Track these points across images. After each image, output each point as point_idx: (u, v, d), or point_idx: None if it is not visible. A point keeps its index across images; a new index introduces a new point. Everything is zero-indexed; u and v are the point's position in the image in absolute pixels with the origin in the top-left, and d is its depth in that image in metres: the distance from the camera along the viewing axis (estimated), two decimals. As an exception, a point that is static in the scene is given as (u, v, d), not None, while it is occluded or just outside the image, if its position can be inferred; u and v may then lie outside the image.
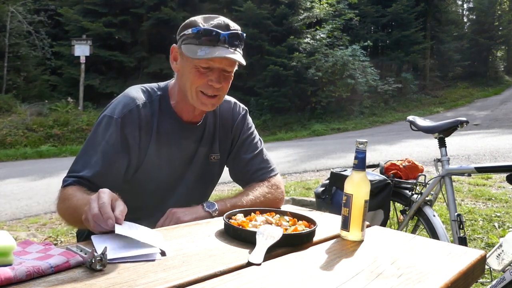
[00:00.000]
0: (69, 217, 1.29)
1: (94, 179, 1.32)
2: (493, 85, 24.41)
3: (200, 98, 1.38)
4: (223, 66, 1.35)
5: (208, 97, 1.38)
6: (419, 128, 2.52)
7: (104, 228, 1.05)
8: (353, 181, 1.15)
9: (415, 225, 2.60)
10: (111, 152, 1.35)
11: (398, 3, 19.13)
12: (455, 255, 1.08)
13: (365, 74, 15.09)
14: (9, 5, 13.25)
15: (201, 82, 1.36)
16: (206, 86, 1.36)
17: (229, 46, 1.33)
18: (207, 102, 1.39)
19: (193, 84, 1.37)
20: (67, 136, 10.77)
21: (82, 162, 1.36)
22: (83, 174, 1.33)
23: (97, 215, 1.04)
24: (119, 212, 1.05)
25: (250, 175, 1.55)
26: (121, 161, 1.37)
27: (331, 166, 6.45)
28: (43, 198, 5.23)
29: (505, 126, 11.65)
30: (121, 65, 14.81)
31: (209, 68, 1.35)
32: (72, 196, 1.26)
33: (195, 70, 1.35)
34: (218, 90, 1.38)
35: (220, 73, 1.36)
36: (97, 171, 1.33)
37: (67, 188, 1.31)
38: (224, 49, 1.31)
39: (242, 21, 14.39)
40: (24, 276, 0.83)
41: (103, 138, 1.36)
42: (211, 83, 1.35)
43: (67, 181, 1.34)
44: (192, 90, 1.38)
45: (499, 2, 28.37)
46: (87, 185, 1.32)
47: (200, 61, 1.33)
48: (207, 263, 0.96)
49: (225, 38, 1.32)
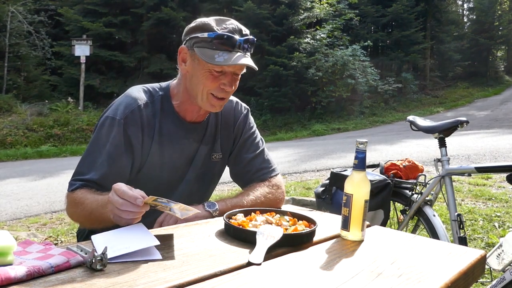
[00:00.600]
0: (84, 220, 1.29)
1: (101, 181, 1.33)
2: (493, 85, 24.41)
3: (210, 100, 1.40)
4: (235, 70, 1.38)
5: (218, 99, 1.41)
6: (419, 128, 2.52)
7: (135, 215, 1.09)
8: (353, 181, 1.15)
9: (415, 225, 2.60)
10: (116, 153, 1.36)
11: (398, 3, 19.13)
12: (455, 255, 1.08)
13: (365, 74, 15.09)
14: (9, 5, 13.25)
15: (214, 86, 1.38)
16: (219, 90, 1.38)
17: (244, 51, 1.36)
18: (216, 104, 1.42)
19: (205, 87, 1.39)
20: (67, 136, 10.77)
21: (87, 164, 1.37)
22: (90, 177, 1.33)
23: (124, 203, 1.08)
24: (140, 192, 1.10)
25: (251, 175, 1.55)
26: (126, 161, 1.38)
27: (331, 166, 6.45)
28: (43, 198, 5.24)
29: (505, 126, 11.65)
30: (121, 65, 14.81)
31: (222, 72, 1.37)
32: (84, 199, 1.27)
33: (208, 73, 1.36)
34: (228, 92, 1.41)
35: (232, 77, 1.39)
36: (103, 173, 1.34)
37: (76, 192, 1.31)
38: (240, 54, 1.35)
39: (242, 21, 13.99)
40: (24, 276, 0.83)
41: (107, 140, 1.37)
42: (224, 86, 1.38)
43: (74, 185, 1.34)
44: (203, 93, 1.40)
45: (499, 2, 28.37)
46: (94, 188, 1.32)
47: (215, 65, 1.34)
48: (207, 263, 0.96)
49: (240, 44, 1.35)
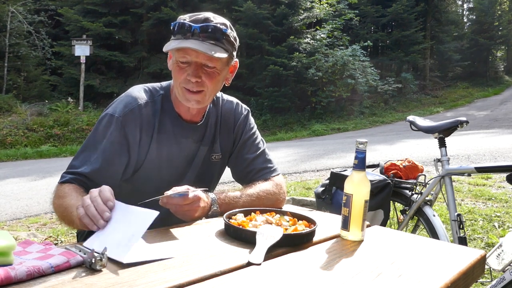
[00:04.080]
0: (59, 214, 1.30)
1: (92, 175, 1.33)
2: (493, 85, 24.40)
3: (184, 94, 1.38)
4: (200, 60, 1.33)
5: (191, 93, 1.37)
6: (419, 128, 2.52)
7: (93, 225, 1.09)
8: (353, 181, 1.15)
9: (415, 225, 2.60)
10: (111, 151, 1.36)
11: (398, 3, 19.12)
12: (455, 255, 1.08)
13: (365, 74, 15.08)
14: (9, 5, 13.24)
15: (182, 78, 1.36)
16: (186, 81, 1.35)
17: (205, 39, 1.31)
18: (190, 98, 1.38)
19: (176, 80, 1.38)
20: (67, 136, 10.77)
21: (82, 158, 1.37)
22: (81, 171, 1.34)
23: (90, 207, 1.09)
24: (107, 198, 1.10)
25: (253, 174, 1.55)
26: (120, 159, 1.38)
27: (331, 166, 6.45)
28: (43, 198, 5.23)
29: (505, 126, 11.64)
30: (121, 65, 14.81)
31: (187, 63, 1.34)
32: (67, 194, 1.28)
33: (176, 65, 1.36)
34: (201, 85, 1.36)
35: (197, 67, 1.34)
36: (95, 168, 1.34)
37: (64, 185, 1.32)
38: (196, 41, 1.30)
39: (242, 21, 14.41)
40: (24, 276, 0.83)
41: (103, 136, 1.37)
42: (188, 77, 1.34)
43: (65, 177, 1.35)
44: (178, 87, 1.39)
45: (499, 2, 28.35)
46: (84, 182, 1.33)
47: (179, 56, 1.33)
48: (207, 263, 0.96)
49: (196, 31, 1.31)
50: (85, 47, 12.44)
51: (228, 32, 1.35)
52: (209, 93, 1.40)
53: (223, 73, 1.41)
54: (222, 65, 1.38)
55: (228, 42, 1.37)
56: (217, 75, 1.38)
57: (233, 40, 1.39)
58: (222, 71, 1.40)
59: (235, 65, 1.49)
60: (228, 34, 1.36)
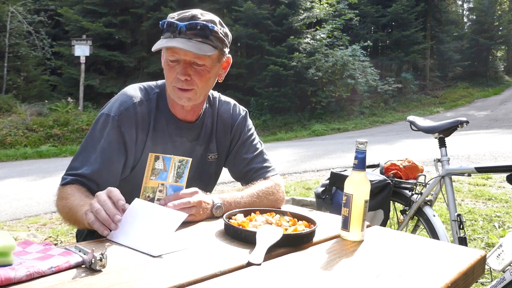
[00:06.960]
0: (64, 215, 1.31)
1: (93, 176, 1.34)
2: (493, 85, 24.41)
3: (176, 92, 1.38)
4: (189, 58, 1.33)
5: (182, 91, 1.37)
6: (419, 128, 2.52)
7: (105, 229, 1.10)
8: (353, 181, 1.15)
9: (415, 225, 2.60)
10: (109, 150, 1.37)
11: (398, 3, 19.13)
12: (455, 255, 1.08)
13: (365, 74, 15.08)
14: (9, 5, 13.23)
15: (173, 76, 1.36)
16: (176, 80, 1.36)
17: (192, 37, 1.31)
18: (181, 96, 1.38)
19: (167, 79, 1.39)
20: (67, 136, 10.76)
21: (81, 159, 1.38)
22: (82, 172, 1.35)
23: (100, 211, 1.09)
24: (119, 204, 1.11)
25: (253, 173, 1.55)
26: (119, 158, 1.39)
27: (331, 166, 6.45)
28: (43, 198, 5.23)
29: (505, 126, 11.65)
30: (121, 65, 14.80)
31: (176, 61, 1.34)
32: (70, 195, 1.29)
33: (166, 64, 1.37)
34: (190, 84, 1.36)
35: (186, 65, 1.34)
36: (95, 168, 1.35)
37: (66, 186, 1.33)
38: (183, 40, 1.30)
39: (242, 21, 14.40)
40: (24, 276, 0.83)
41: (101, 136, 1.38)
42: (178, 75, 1.34)
43: (66, 179, 1.35)
44: (169, 86, 1.40)
45: (499, 2, 28.37)
46: (85, 183, 1.34)
47: (168, 54, 1.34)
48: (207, 263, 0.96)
49: (183, 29, 1.30)
50: (85, 47, 12.42)
51: (216, 28, 1.34)
52: (200, 91, 1.40)
53: (214, 70, 1.40)
54: (212, 62, 1.38)
55: (217, 38, 1.35)
56: (207, 73, 1.37)
57: (222, 37, 1.37)
58: (213, 68, 1.39)
59: (228, 61, 1.48)
60: (216, 30, 1.34)
